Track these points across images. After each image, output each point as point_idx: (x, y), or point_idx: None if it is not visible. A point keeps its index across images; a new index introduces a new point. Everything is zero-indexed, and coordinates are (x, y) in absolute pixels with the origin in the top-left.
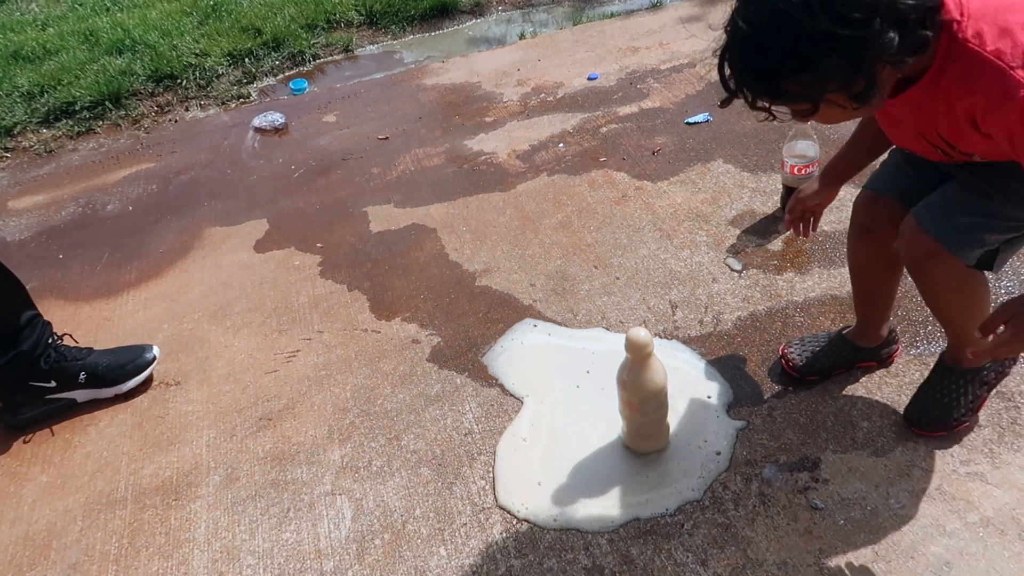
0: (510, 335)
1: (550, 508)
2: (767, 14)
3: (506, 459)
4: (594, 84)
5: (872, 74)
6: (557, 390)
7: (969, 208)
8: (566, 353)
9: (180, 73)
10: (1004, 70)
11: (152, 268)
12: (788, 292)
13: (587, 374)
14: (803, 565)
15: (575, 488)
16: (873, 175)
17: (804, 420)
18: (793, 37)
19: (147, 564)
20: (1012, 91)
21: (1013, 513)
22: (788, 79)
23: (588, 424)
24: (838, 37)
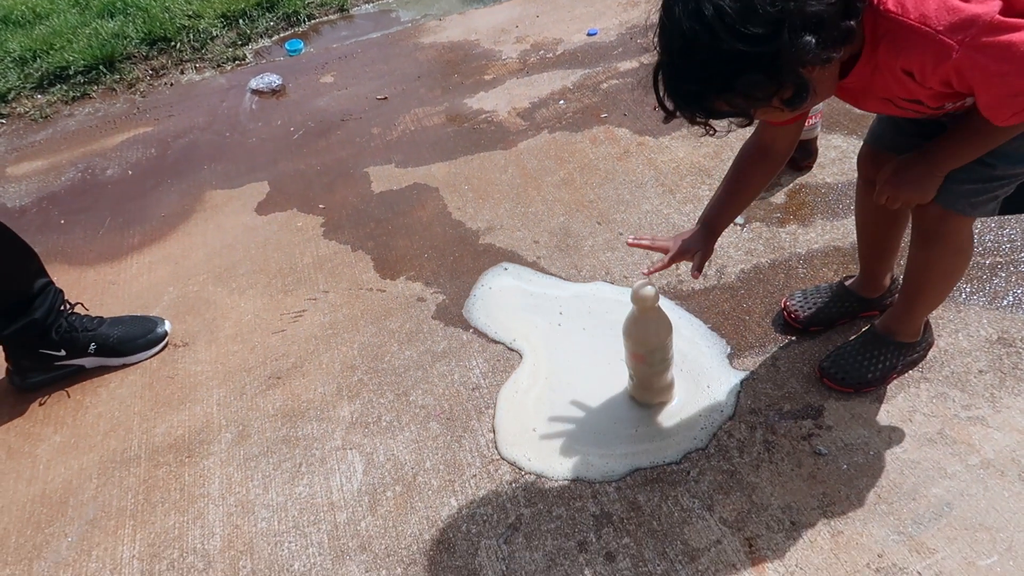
0: (482, 282)
1: (550, 457)
2: (677, 40)
3: (505, 410)
4: (594, 40)
5: (798, 79)
6: (549, 338)
7: (972, 175)
8: (535, 297)
9: (174, 36)
10: (932, 35)
11: (155, 232)
12: (791, 244)
13: (560, 315)
14: (807, 509)
15: (576, 437)
16: (871, 129)
17: (808, 369)
18: (705, 61)
19: (163, 519)
20: (944, 55)
21: (1013, 455)
22: (714, 99)
23: (587, 372)
24: (748, 55)
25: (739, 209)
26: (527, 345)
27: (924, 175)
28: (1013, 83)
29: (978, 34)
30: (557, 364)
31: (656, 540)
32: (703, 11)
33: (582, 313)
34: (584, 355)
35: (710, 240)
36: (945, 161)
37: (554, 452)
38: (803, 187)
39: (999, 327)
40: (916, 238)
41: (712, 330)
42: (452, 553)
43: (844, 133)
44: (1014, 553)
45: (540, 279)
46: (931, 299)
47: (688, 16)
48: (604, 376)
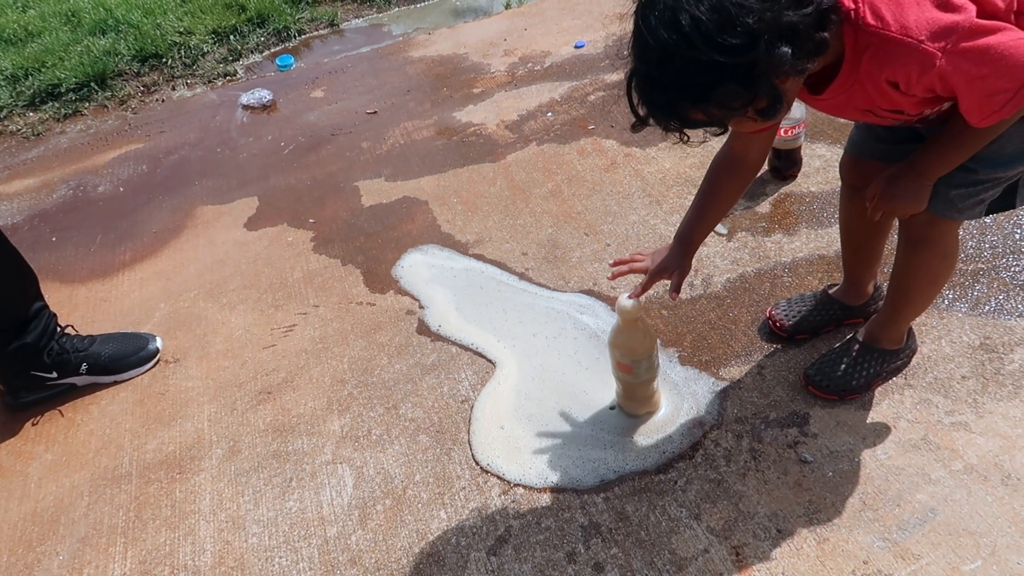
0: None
1: (527, 463)
2: (654, 51)
3: (480, 420)
4: (581, 52)
5: (772, 90)
6: (521, 344)
7: (957, 181)
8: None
9: (165, 52)
10: (914, 46)
11: (146, 248)
12: (776, 253)
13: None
14: (793, 516)
15: (549, 446)
16: (849, 138)
17: (793, 378)
18: (681, 72)
19: (155, 536)
20: (929, 64)
21: (996, 460)
22: (689, 109)
23: (560, 381)
24: (725, 66)
25: (713, 222)
26: (499, 352)
27: (915, 186)
28: (992, 84)
29: (958, 40)
30: (527, 369)
31: (644, 550)
32: (680, 21)
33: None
34: (552, 357)
35: (686, 257)
36: (932, 169)
37: (530, 458)
38: (788, 196)
39: (981, 333)
40: (903, 244)
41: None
42: (442, 566)
43: (828, 142)
44: (997, 558)
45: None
46: (917, 305)
47: (664, 25)
48: (573, 380)
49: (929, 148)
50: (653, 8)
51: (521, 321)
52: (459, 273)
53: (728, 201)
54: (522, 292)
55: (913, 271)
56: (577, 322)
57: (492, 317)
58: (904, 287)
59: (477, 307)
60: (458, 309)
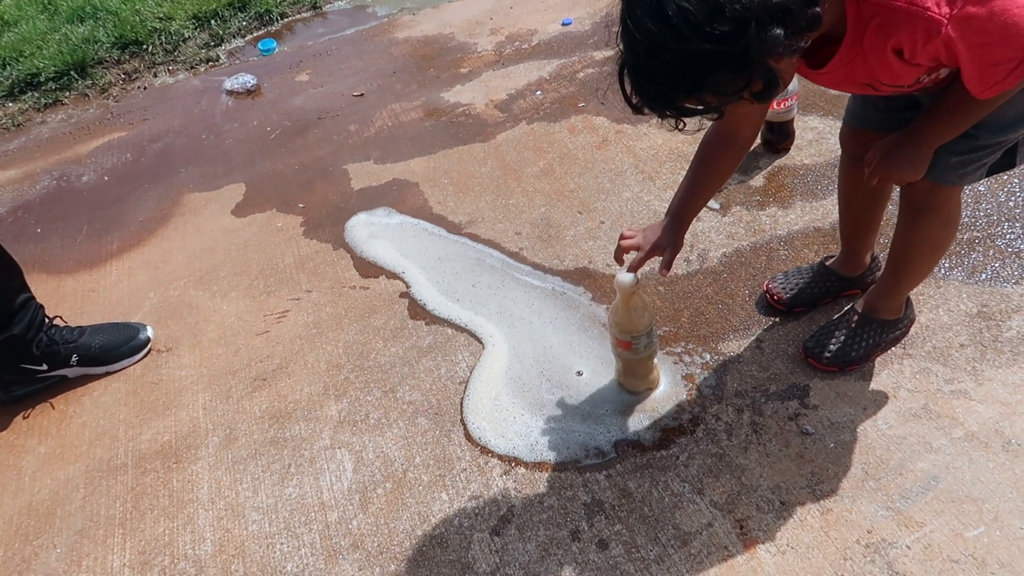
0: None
1: (524, 443)
2: (644, 43)
3: (472, 398)
4: (568, 29)
5: (767, 72)
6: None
7: (958, 147)
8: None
9: (145, 39)
10: (920, 12)
11: (133, 237)
12: (772, 227)
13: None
14: (796, 488)
15: (546, 423)
16: (848, 108)
17: (792, 350)
18: (673, 63)
19: (153, 525)
20: (935, 30)
21: (996, 426)
22: (683, 98)
23: (550, 355)
24: (716, 54)
25: (706, 198)
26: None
27: (913, 154)
28: (995, 52)
29: (964, 4)
30: (517, 343)
31: (648, 526)
32: (666, 11)
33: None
34: (538, 333)
35: (679, 233)
36: (932, 138)
37: (529, 435)
38: (782, 169)
39: (978, 301)
40: (905, 212)
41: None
42: (445, 548)
43: (820, 114)
44: (1000, 523)
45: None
46: (918, 273)
47: (651, 17)
48: (561, 355)
49: (930, 116)
50: (639, 1)
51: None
52: (395, 227)
53: (721, 176)
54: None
55: (916, 239)
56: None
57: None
58: (906, 255)
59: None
60: (438, 284)
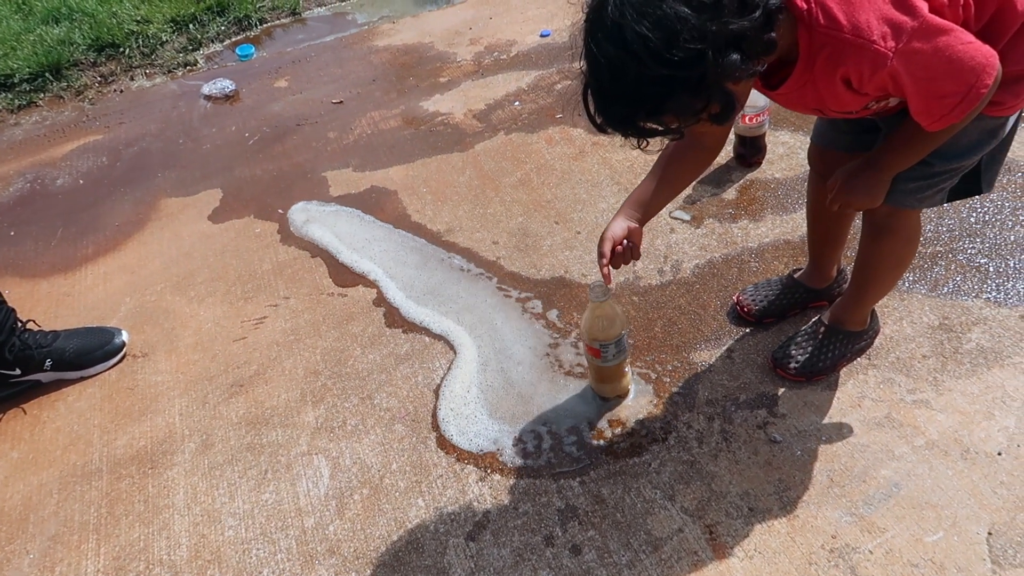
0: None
1: (495, 446)
2: (605, 67)
3: (445, 401)
4: (547, 41)
5: (725, 95)
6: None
7: (914, 174)
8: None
9: (122, 41)
10: (867, 46)
11: (109, 242)
12: (743, 239)
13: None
14: (764, 495)
15: (518, 428)
16: (815, 127)
17: (761, 360)
18: (633, 86)
19: (128, 531)
20: (881, 63)
21: (956, 435)
22: (644, 120)
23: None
24: (675, 79)
25: (666, 200)
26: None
27: (872, 182)
28: (940, 86)
29: (909, 39)
30: (485, 345)
31: (620, 531)
32: (625, 36)
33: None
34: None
35: (641, 222)
36: (889, 166)
37: (501, 440)
38: (753, 183)
39: (940, 313)
40: (867, 231)
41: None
42: (421, 553)
43: (791, 130)
44: (958, 528)
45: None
46: (881, 288)
47: (611, 42)
48: (522, 347)
49: (887, 146)
50: (599, 26)
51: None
52: (331, 213)
53: (684, 181)
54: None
55: (877, 256)
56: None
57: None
58: (868, 271)
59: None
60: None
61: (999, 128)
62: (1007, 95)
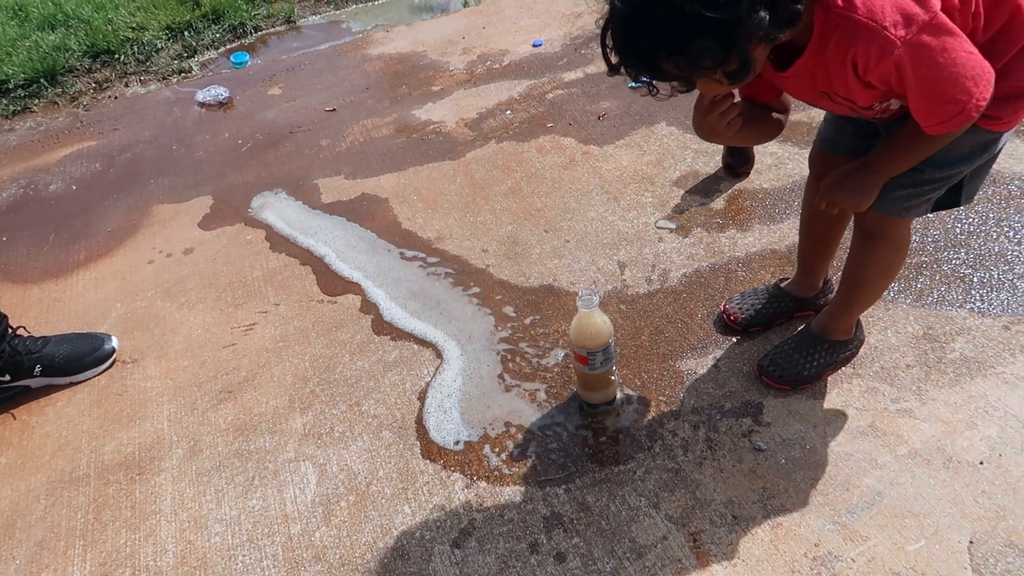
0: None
1: (479, 454)
2: None
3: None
4: (539, 51)
5: (745, 53)
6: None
7: (904, 180)
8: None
9: (117, 48)
10: (878, 30)
11: (101, 247)
12: (730, 248)
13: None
14: (748, 503)
15: (507, 435)
16: (819, 132)
17: (747, 369)
18: (664, 21)
19: (114, 537)
20: (889, 50)
21: (939, 444)
22: (664, 60)
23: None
24: (708, 20)
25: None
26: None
27: (862, 185)
28: (942, 89)
29: (919, 32)
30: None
31: (605, 539)
32: None
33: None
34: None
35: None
36: (883, 169)
37: (487, 447)
38: (741, 193)
39: (924, 323)
40: (857, 236)
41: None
42: (406, 560)
43: (779, 140)
44: (940, 537)
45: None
46: (868, 296)
47: None
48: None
49: (883, 149)
50: None
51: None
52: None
53: (758, 139)
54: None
55: (867, 263)
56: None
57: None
58: (857, 278)
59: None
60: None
61: (992, 143)
62: (1005, 111)
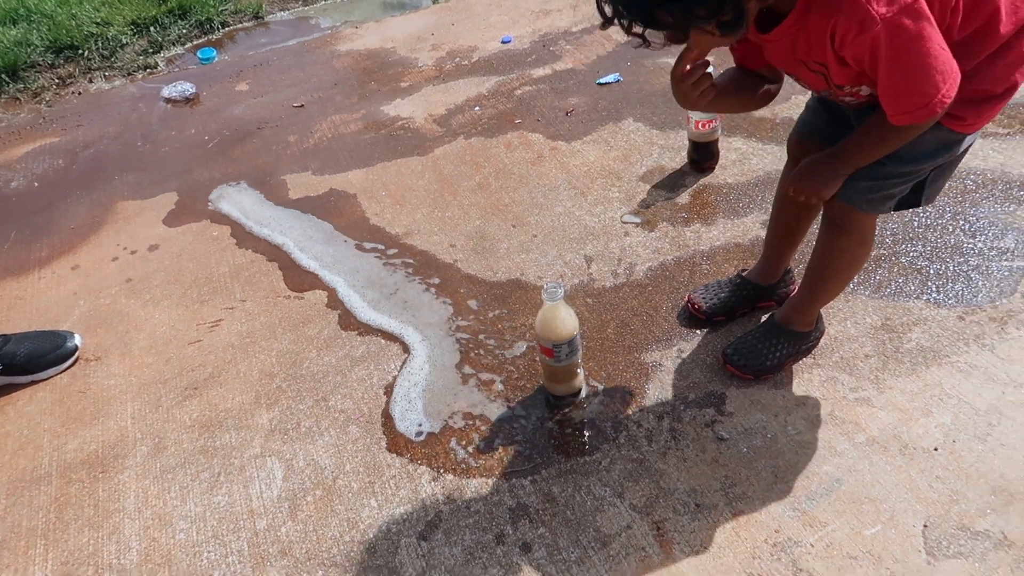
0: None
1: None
2: None
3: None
4: (508, 47)
5: (739, 4)
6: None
7: (868, 172)
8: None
9: (81, 43)
10: (861, 4)
11: (64, 244)
12: (695, 242)
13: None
14: (710, 491)
15: (472, 426)
16: (799, 118)
17: (711, 360)
18: None
19: (77, 536)
20: (868, 25)
21: (895, 431)
22: (659, 8)
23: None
24: None
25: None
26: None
27: (829, 170)
28: (913, 78)
29: (900, 13)
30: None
31: (570, 529)
32: None
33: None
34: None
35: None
36: (847, 160)
37: (454, 439)
38: (706, 188)
39: (883, 314)
40: (825, 228)
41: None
42: (373, 553)
43: (743, 136)
44: (896, 522)
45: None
46: (831, 289)
47: None
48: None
49: (851, 139)
50: None
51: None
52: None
53: (747, 106)
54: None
55: (832, 255)
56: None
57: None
58: (822, 270)
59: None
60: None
61: (956, 144)
62: (969, 113)
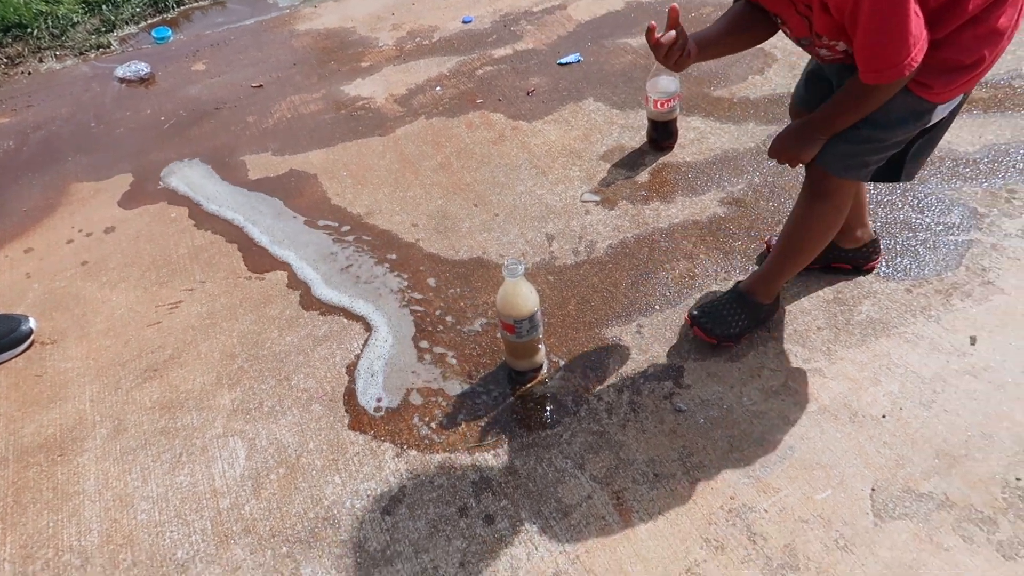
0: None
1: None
2: None
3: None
4: (469, 27)
5: None
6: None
7: (848, 137)
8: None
9: (30, 22)
10: None
11: (16, 228)
12: (654, 220)
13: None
14: (668, 460)
15: (436, 402)
16: (795, 89)
17: (670, 335)
18: None
19: (36, 519)
20: None
21: (845, 400)
22: None
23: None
24: None
25: (724, 52)
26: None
27: (804, 136)
28: (886, 38)
29: None
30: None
31: (532, 500)
32: None
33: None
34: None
35: (697, 50)
36: (823, 123)
37: (416, 414)
38: (665, 166)
39: (835, 288)
40: (803, 195)
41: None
42: (337, 528)
43: (702, 115)
44: (845, 486)
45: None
46: (801, 256)
47: None
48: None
49: (827, 104)
50: None
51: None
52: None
53: (743, 45)
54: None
55: (808, 220)
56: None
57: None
58: (796, 237)
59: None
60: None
61: (925, 113)
62: (938, 81)
